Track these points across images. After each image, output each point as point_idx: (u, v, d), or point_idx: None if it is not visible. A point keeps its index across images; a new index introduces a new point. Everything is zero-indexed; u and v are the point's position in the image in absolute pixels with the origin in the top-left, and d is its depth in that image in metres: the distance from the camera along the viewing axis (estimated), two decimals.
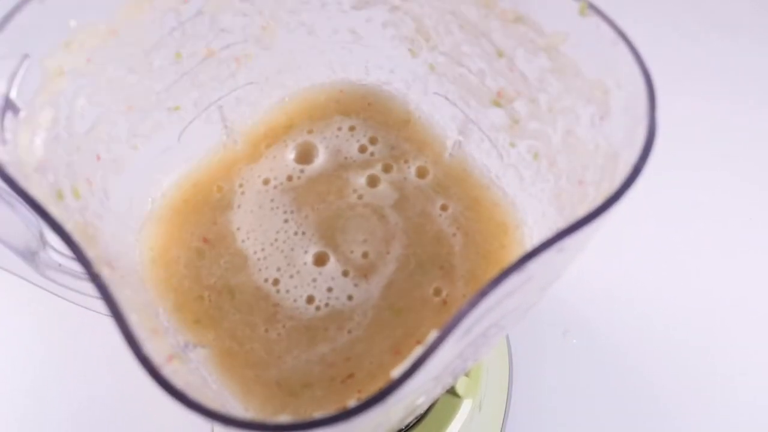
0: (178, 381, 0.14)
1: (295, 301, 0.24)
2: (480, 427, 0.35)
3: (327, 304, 0.24)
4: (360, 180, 0.26)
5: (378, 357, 0.22)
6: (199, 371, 0.21)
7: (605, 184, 0.18)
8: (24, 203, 0.16)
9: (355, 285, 0.24)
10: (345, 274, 0.24)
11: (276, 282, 0.24)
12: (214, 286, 0.24)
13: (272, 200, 0.26)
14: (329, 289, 0.24)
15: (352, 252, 0.24)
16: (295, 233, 0.25)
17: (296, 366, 0.22)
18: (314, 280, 0.24)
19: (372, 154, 0.27)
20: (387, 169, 0.26)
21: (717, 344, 0.41)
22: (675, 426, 0.38)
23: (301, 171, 0.27)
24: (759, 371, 0.40)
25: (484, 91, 0.24)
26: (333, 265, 0.24)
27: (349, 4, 0.25)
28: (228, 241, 0.25)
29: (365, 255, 0.24)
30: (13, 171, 0.17)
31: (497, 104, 0.24)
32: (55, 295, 0.25)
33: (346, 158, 0.27)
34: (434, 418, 0.32)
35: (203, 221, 0.25)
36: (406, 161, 0.27)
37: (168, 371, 0.14)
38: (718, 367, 0.40)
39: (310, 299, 0.24)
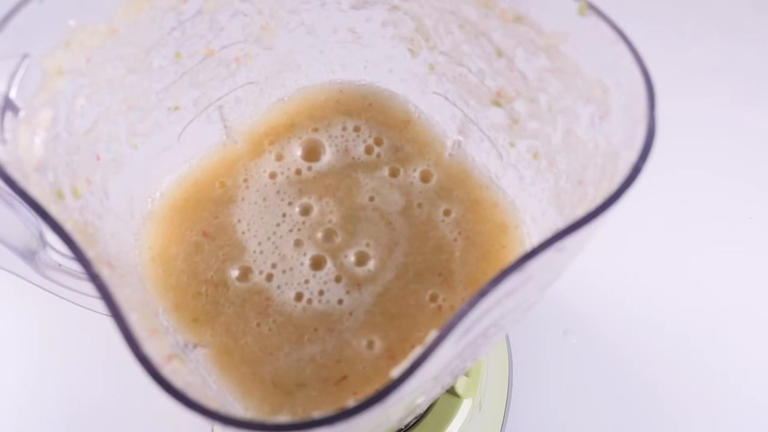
0: (178, 381, 0.14)
1: (285, 297, 0.24)
2: (480, 427, 0.35)
3: (317, 303, 0.23)
4: (370, 182, 0.26)
5: (371, 361, 0.22)
6: (198, 371, 0.21)
7: (605, 183, 0.18)
8: (24, 203, 0.16)
9: (347, 292, 0.24)
10: (338, 279, 0.24)
11: (270, 277, 0.24)
12: (211, 279, 0.24)
13: (278, 192, 0.26)
14: (321, 292, 0.24)
15: (346, 257, 0.24)
16: (291, 229, 0.25)
17: (288, 364, 0.22)
18: (306, 282, 0.24)
19: (378, 155, 0.27)
20: (394, 173, 0.26)
21: (717, 344, 0.41)
22: (675, 425, 0.38)
23: (309, 168, 0.27)
24: (759, 371, 0.40)
25: (484, 90, 0.24)
26: (329, 268, 0.24)
27: (348, 3, 0.25)
28: (228, 232, 0.25)
29: (364, 262, 0.24)
30: (12, 171, 0.17)
31: (497, 104, 0.24)
32: (55, 295, 0.25)
33: (354, 158, 0.27)
34: (434, 417, 0.32)
35: (204, 216, 0.25)
36: (411, 165, 0.27)
37: (168, 371, 0.14)
38: (718, 367, 0.40)
39: (298, 296, 0.24)
